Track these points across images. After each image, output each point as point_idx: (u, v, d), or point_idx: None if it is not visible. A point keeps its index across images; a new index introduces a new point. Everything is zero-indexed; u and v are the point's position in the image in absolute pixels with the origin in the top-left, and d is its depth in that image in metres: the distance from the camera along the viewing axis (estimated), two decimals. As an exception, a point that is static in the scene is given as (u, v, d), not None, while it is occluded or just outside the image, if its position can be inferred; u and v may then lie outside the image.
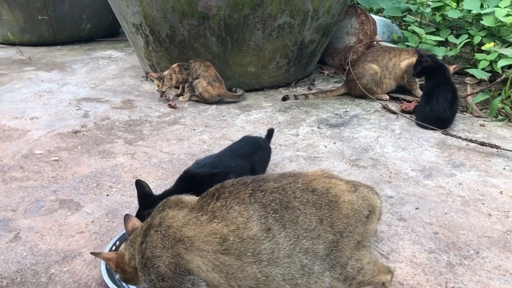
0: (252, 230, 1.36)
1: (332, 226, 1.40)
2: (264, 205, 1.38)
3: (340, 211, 1.42)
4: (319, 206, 1.41)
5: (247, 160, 2.24)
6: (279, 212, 1.38)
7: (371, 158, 2.88)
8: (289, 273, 1.38)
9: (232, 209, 1.38)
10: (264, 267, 1.36)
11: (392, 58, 3.94)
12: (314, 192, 1.42)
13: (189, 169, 2.18)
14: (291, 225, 1.38)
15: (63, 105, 3.91)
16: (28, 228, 2.19)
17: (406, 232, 2.14)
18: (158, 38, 4.04)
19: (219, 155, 2.28)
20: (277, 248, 1.36)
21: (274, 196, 1.40)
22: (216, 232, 1.36)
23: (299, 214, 1.39)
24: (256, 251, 1.35)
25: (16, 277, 1.86)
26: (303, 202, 1.40)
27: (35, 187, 2.56)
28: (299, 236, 1.37)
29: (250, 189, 1.42)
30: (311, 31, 4.09)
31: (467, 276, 1.84)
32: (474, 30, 4.28)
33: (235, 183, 1.46)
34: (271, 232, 1.36)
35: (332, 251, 1.41)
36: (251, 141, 2.44)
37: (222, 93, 3.86)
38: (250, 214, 1.37)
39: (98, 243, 2.06)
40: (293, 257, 1.37)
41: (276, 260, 1.37)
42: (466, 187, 2.53)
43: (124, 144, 3.12)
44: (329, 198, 1.42)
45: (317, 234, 1.39)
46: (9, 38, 6.15)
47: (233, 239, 1.35)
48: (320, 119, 3.56)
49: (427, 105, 3.36)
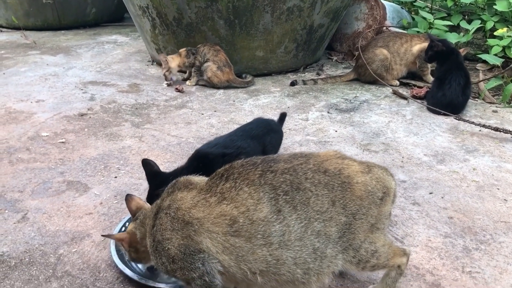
0: (262, 212, 1.32)
1: (345, 207, 1.36)
2: (275, 186, 1.34)
3: (353, 193, 1.38)
4: (331, 187, 1.37)
5: (258, 142, 2.19)
6: (290, 193, 1.34)
7: (383, 143, 2.83)
8: (301, 257, 1.33)
9: (242, 190, 1.34)
10: (274, 250, 1.32)
11: (403, 44, 3.87)
12: (326, 173, 1.38)
13: (201, 148, 2.14)
14: (302, 207, 1.34)
15: (69, 88, 3.87)
16: (35, 209, 2.16)
17: (420, 216, 2.09)
18: (165, 21, 3.98)
19: (231, 135, 2.23)
20: (288, 230, 1.32)
21: (284, 177, 1.36)
22: (225, 214, 1.32)
23: (310, 195, 1.35)
24: (266, 233, 1.31)
25: (24, 257, 1.83)
26: (314, 183, 1.36)
27: (42, 169, 2.52)
28: (310, 218, 1.34)
29: (260, 170, 1.38)
30: (320, 14, 4.02)
31: (484, 261, 1.80)
32: (486, 15, 4.20)
33: (244, 163, 1.42)
34: (282, 214, 1.32)
35: (345, 233, 1.37)
36: (263, 122, 2.39)
37: (231, 79, 3.80)
38: (260, 196, 1.33)
39: (107, 225, 2.03)
40: (305, 240, 1.33)
41: (287, 243, 1.32)
42: (481, 172, 2.48)
43: (132, 127, 3.08)
44: (342, 179, 1.38)
45: (329, 216, 1.35)
46: (13, 22, 6.09)
47: (243, 221, 1.31)
48: (329, 104, 3.50)
49: (439, 90, 3.30)
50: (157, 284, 1.63)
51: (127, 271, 1.67)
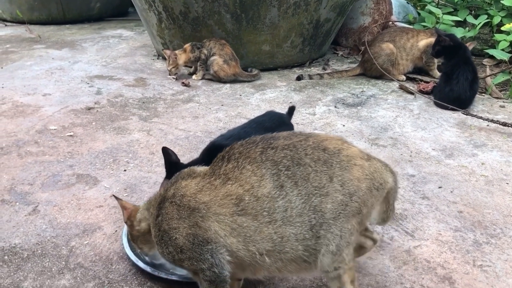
0: (266, 187, 1.33)
1: (343, 185, 1.34)
2: (276, 162, 1.35)
3: (351, 173, 1.35)
4: (330, 164, 1.35)
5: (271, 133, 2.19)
6: (291, 169, 1.34)
7: (391, 138, 2.83)
8: (301, 233, 1.33)
9: (245, 168, 1.36)
10: (278, 227, 1.33)
11: (410, 39, 3.86)
12: (326, 151, 1.37)
13: (216, 140, 2.14)
14: (303, 182, 1.34)
15: (75, 82, 3.87)
16: (46, 201, 2.16)
17: (430, 210, 2.10)
18: (171, 15, 3.97)
19: (244, 127, 2.23)
20: (290, 206, 1.33)
21: (285, 152, 1.36)
22: (231, 194, 1.34)
23: (310, 171, 1.34)
24: (271, 209, 1.32)
25: (36, 249, 1.83)
26: (314, 159, 1.35)
27: (51, 162, 2.53)
28: (309, 194, 1.33)
29: (261, 147, 1.39)
30: (327, 9, 4.01)
31: (495, 255, 1.81)
32: (493, 10, 4.18)
33: (244, 143, 1.43)
34: (284, 189, 1.33)
35: (340, 214, 1.33)
36: (275, 115, 2.39)
37: (237, 73, 3.80)
38: (263, 172, 1.34)
39: (117, 217, 2.04)
40: (304, 216, 1.33)
41: (290, 219, 1.33)
42: (489, 167, 2.48)
43: (139, 120, 3.08)
44: (341, 158, 1.37)
45: (326, 192, 1.33)
46: (18, 16, 6.08)
47: (248, 198, 1.33)
48: (336, 99, 3.50)
49: (446, 85, 3.29)
50: (170, 276, 1.64)
51: (140, 263, 1.68)
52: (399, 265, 1.75)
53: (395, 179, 1.48)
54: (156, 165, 2.48)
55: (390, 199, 1.49)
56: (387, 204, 1.50)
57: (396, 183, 1.49)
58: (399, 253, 1.82)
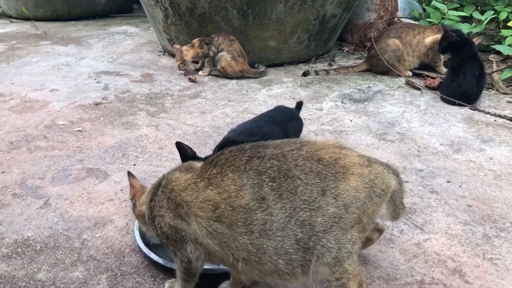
0: (244, 198, 1.28)
1: (337, 198, 1.27)
2: (260, 172, 1.29)
3: (348, 183, 1.28)
4: (324, 176, 1.28)
5: (282, 128, 2.20)
6: (276, 180, 1.28)
7: (398, 133, 2.84)
8: (282, 247, 1.28)
9: (227, 176, 1.32)
10: (255, 239, 1.28)
11: (416, 35, 3.86)
12: (320, 162, 1.30)
13: (229, 136, 2.14)
14: (289, 195, 1.27)
15: (82, 78, 3.88)
16: (57, 195, 2.18)
17: (439, 204, 2.11)
18: (177, 10, 3.98)
19: (256, 121, 2.24)
20: (271, 220, 1.27)
21: (271, 162, 1.30)
22: (209, 199, 1.32)
23: (299, 184, 1.27)
24: (247, 221, 1.28)
25: (49, 242, 1.85)
26: (305, 171, 1.28)
27: (61, 156, 2.55)
28: (296, 208, 1.26)
29: (247, 156, 1.33)
30: (333, 5, 4.01)
31: (505, 248, 1.81)
32: (500, 6, 4.18)
33: (234, 149, 1.39)
34: (266, 202, 1.27)
35: (333, 227, 1.27)
36: (285, 110, 2.40)
37: (244, 69, 3.80)
38: (243, 182, 1.29)
39: (128, 210, 2.05)
40: (287, 231, 1.27)
41: (269, 233, 1.27)
42: (497, 162, 2.48)
43: (147, 116, 3.09)
44: (337, 169, 1.29)
45: (317, 206, 1.26)
46: (23, 12, 6.11)
47: (224, 207, 1.29)
48: (343, 94, 3.51)
49: (453, 80, 3.29)
50: (183, 268, 1.65)
51: (152, 255, 1.69)
52: (409, 258, 1.76)
53: (399, 180, 1.42)
54: (165, 160, 2.50)
55: (396, 200, 1.44)
56: (393, 205, 1.45)
57: (401, 184, 1.43)
58: (409, 246, 1.83)
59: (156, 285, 1.63)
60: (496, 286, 1.62)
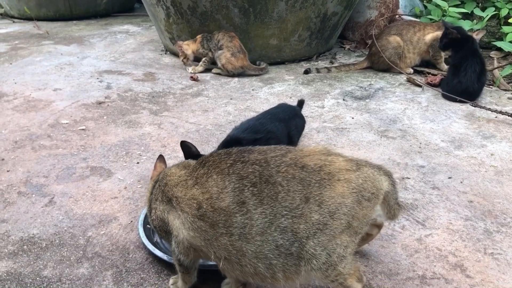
0: (224, 201, 1.31)
1: (321, 205, 1.27)
2: (242, 176, 1.32)
3: (333, 190, 1.28)
4: (307, 183, 1.29)
5: (285, 125, 2.23)
6: (257, 186, 1.29)
7: (400, 129, 2.85)
8: (262, 252, 1.30)
9: (211, 178, 1.36)
10: (235, 241, 1.31)
11: (416, 33, 3.87)
12: (304, 169, 1.31)
13: (233, 133, 2.16)
14: (269, 201, 1.28)
15: (85, 77, 3.90)
16: (61, 193, 2.20)
17: (440, 200, 2.12)
18: (179, 9, 3.99)
19: (260, 118, 2.26)
20: (250, 224, 1.29)
21: (254, 168, 1.32)
22: (194, 198, 1.36)
23: (280, 190, 1.28)
24: (227, 223, 1.30)
25: (54, 239, 1.87)
26: (287, 178, 1.29)
27: (65, 155, 2.57)
28: (276, 214, 1.27)
29: (232, 160, 1.37)
30: (334, 2, 4.02)
31: (506, 243, 1.83)
32: (501, 3, 4.18)
33: (222, 153, 1.43)
34: (246, 206, 1.29)
35: (316, 233, 1.27)
36: (288, 107, 2.43)
37: (245, 65, 3.82)
38: (225, 185, 1.32)
39: (132, 208, 2.07)
40: (267, 236, 1.28)
41: (248, 236, 1.29)
42: (499, 158, 2.50)
43: (150, 114, 3.11)
44: (321, 175, 1.30)
45: (300, 213, 1.27)
46: (26, 12, 6.13)
47: (206, 207, 1.33)
48: (344, 92, 3.52)
49: (454, 77, 3.30)
50: (187, 264, 1.67)
51: (157, 252, 1.71)
52: (411, 253, 1.77)
53: (392, 182, 1.43)
54: (168, 158, 2.50)
55: (390, 201, 1.45)
56: (387, 206, 1.46)
57: (394, 185, 1.44)
58: (410, 241, 1.84)
59: (161, 281, 1.65)
60: (497, 281, 1.64)
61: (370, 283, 1.63)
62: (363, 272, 1.67)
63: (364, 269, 1.69)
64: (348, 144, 2.66)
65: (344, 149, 2.59)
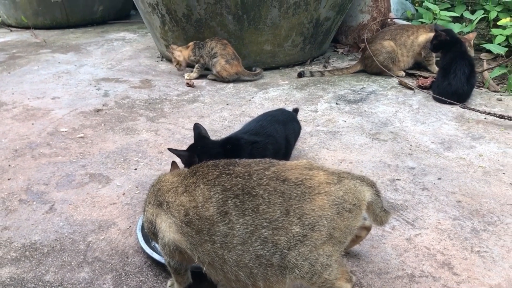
0: (209, 210, 1.39)
1: (301, 218, 1.33)
2: (226, 188, 1.40)
3: (313, 203, 1.34)
4: (288, 196, 1.35)
5: (284, 127, 2.32)
6: (240, 197, 1.37)
7: (391, 132, 2.92)
8: (242, 261, 1.36)
9: (199, 187, 1.44)
10: (217, 249, 1.38)
11: (410, 36, 3.95)
12: (285, 182, 1.37)
13: (235, 133, 2.30)
14: (250, 212, 1.35)
15: (83, 85, 3.97)
16: (61, 200, 2.26)
17: (430, 200, 2.19)
18: (174, 17, 4.07)
19: (259, 120, 2.36)
20: (232, 233, 1.35)
21: (237, 180, 1.40)
22: (182, 205, 1.44)
23: (261, 202, 1.35)
24: (211, 231, 1.38)
25: (55, 245, 1.93)
26: (268, 191, 1.36)
27: (64, 163, 2.63)
28: (257, 225, 1.34)
29: (218, 171, 1.46)
30: (326, 8, 4.10)
31: (492, 241, 1.90)
32: (489, 5, 4.26)
33: (210, 164, 1.52)
34: (228, 216, 1.36)
35: (297, 245, 1.32)
36: (286, 112, 2.55)
37: (239, 71, 3.89)
38: (211, 195, 1.40)
39: (131, 213, 2.13)
40: (247, 246, 1.34)
41: (229, 245, 1.36)
42: (487, 158, 2.57)
43: (147, 121, 3.18)
44: (302, 189, 1.36)
45: (281, 225, 1.33)
46: (23, 21, 6.20)
47: (192, 214, 1.41)
48: (337, 96, 3.59)
49: (444, 79, 3.38)
50: (184, 267, 1.73)
51: (155, 255, 1.77)
52: (400, 253, 1.84)
53: (375, 191, 1.48)
54: (165, 164, 2.58)
55: (375, 210, 1.50)
56: (373, 214, 1.52)
57: (377, 194, 1.49)
58: (400, 241, 1.91)
59: (159, 283, 1.71)
60: (483, 277, 1.70)
61: (360, 282, 1.69)
62: (353, 271, 1.73)
63: (355, 269, 1.75)
64: (341, 147, 2.73)
65: (336, 152, 2.66)
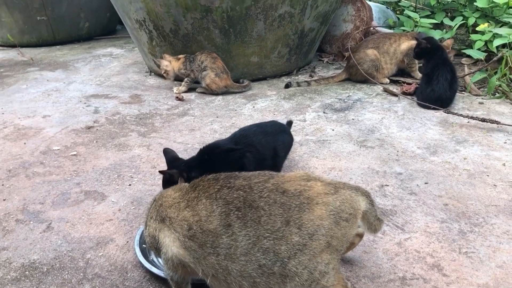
0: (212, 223, 1.43)
1: (301, 228, 1.38)
2: (228, 201, 1.45)
3: (312, 213, 1.39)
4: (288, 207, 1.40)
5: (272, 139, 2.37)
6: (242, 210, 1.42)
7: (378, 139, 3.00)
8: (246, 271, 1.41)
9: (201, 202, 1.49)
10: (221, 261, 1.42)
11: (392, 44, 4.06)
12: (284, 194, 1.42)
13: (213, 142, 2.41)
14: (252, 224, 1.40)
15: (73, 102, 4.00)
16: (58, 218, 2.29)
17: (418, 205, 2.26)
18: (162, 33, 4.13)
19: (243, 130, 2.43)
20: (235, 245, 1.40)
21: (238, 193, 1.45)
22: (185, 219, 1.49)
23: (262, 214, 1.40)
24: (214, 244, 1.42)
25: (55, 263, 1.96)
26: (269, 203, 1.41)
27: (59, 181, 2.66)
28: (259, 236, 1.39)
29: (219, 185, 1.50)
30: (310, 19, 4.19)
31: (479, 242, 1.97)
32: (468, 12, 4.40)
33: (211, 178, 1.57)
34: (231, 228, 1.41)
35: (297, 254, 1.37)
36: (277, 124, 2.61)
37: (228, 85, 3.96)
38: (213, 209, 1.45)
39: (128, 229, 2.17)
40: (250, 256, 1.39)
41: (233, 256, 1.41)
42: (471, 161, 2.66)
43: (138, 136, 3.22)
44: (301, 200, 1.41)
45: (281, 235, 1.38)
46: (9, 40, 6.20)
47: (196, 228, 1.46)
48: (324, 105, 3.67)
49: (427, 86, 3.48)
50: (183, 280, 1.77)
51: (154, 270, 1.81)
52: (391, 257, 1.91)
53: (369, 201, 1.54)
54: (159, 178, 2.62)
55: (370, 218, 1.56)
56: (367, 223, 1.57)
57: (372, 203, 1.55)
58: (391, 245, 1.97)
59: (159, 296, 1.76)
60: (471, 277, 1.77)
61: (355, 287, 1.75)
62: (348, 277, 1.79)
63: (348, 274, 1.81)
64: (330, 156, 2.80)
65: (326, 161, 2.73)
